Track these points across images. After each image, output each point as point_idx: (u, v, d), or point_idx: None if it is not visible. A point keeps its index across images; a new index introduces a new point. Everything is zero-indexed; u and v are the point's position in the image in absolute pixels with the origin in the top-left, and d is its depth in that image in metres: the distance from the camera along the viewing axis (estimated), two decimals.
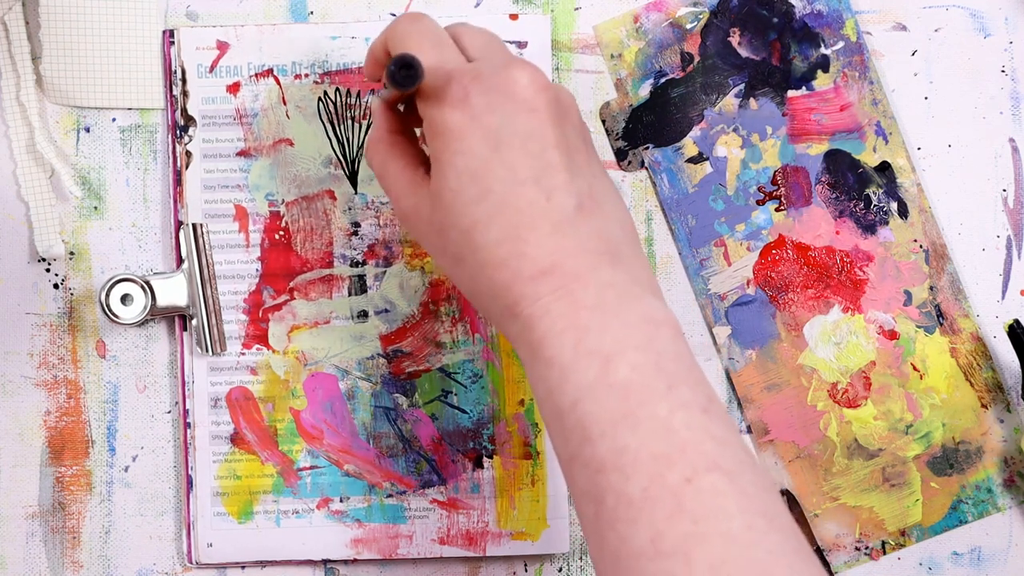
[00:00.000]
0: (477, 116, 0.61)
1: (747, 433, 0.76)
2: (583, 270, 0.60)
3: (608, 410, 0.57)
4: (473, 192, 0.60)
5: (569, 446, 0.58)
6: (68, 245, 0.75)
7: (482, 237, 0.60)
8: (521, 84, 0.61)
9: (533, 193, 0.60)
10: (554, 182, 0.60)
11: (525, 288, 0.60)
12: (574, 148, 0.62)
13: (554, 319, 0.59)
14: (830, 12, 0.76)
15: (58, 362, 0.75)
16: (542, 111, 0.61)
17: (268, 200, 0.75)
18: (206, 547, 0.75)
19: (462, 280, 0.63)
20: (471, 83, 0.61)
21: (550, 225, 0.60)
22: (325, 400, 0.75)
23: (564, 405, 0.58)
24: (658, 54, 0.76)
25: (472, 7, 0.76)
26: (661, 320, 0.59)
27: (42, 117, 0.75)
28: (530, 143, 0.61)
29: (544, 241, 0.60)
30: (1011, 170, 0.76)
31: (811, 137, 0.76)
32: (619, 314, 0.59)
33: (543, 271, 0.60)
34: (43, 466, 0.75)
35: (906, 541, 0.76)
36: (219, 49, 0.75)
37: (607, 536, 0.57)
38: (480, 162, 0.60)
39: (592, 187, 0.62)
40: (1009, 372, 0.76)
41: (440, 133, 0.61)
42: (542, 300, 0.59)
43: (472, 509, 0.75)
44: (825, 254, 0.76)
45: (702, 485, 0.56)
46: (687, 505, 0.55)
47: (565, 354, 0.58)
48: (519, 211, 0.60)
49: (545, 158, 0.61)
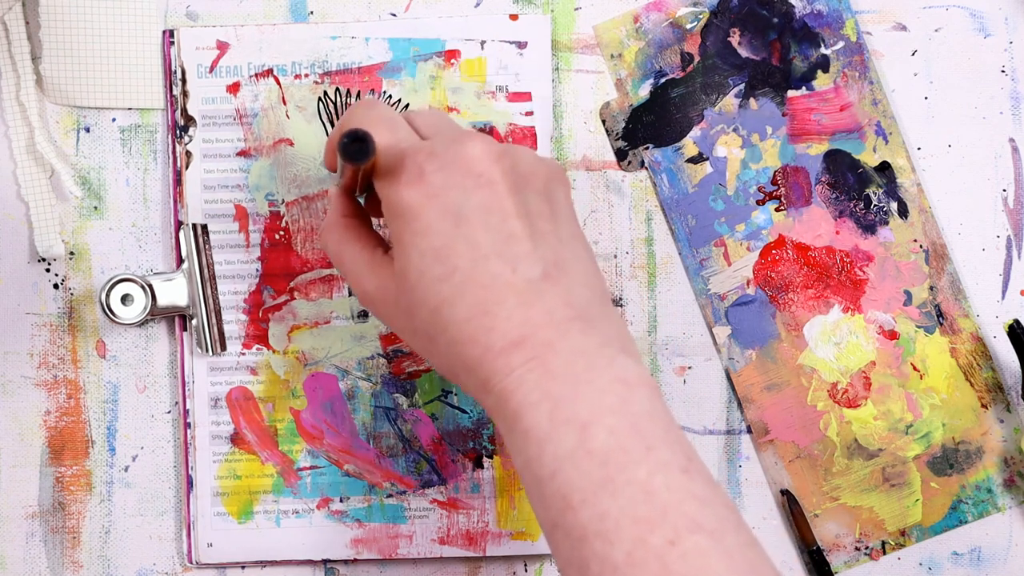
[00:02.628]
0: (434, 193, 0.60)
1: (747, 433, 0.76)
2: (553, 338, 0.59)
3: (587, 477, 0.57)
4: (438, 271, 0.60)
5: (551, 515, 0.58)
6: (68, 245, 0.75)
7: (450, 315, 0.60)
8: (475, 157, 0.61)
9: (497, 266, 0.60)
10: (517, 253, 0.60)
11: (496, 362, 0.59)
12: (536, 214, 0.62)
13: (527, 391, 0.59)
14: (830, 12, 0.76)
15: (58, 362, 0.75)
16: (498, 182, 0.61)
17: (268, 200, 0.75)
18: (206, 547, 0.75)
19: (435, 358, 0.62)
20: (425, 160, 0.61)
21: (516, 297, 0.60)
22: (325, 400, 0.75)
23: (543, 475, 0.58)
24: (658, 54, 0.76)
25: (472, 7, 0.76)
26: (635, 381, 0.59)
27: (42, 117, 0.75)
28: (490, 216, 0.60)
29: (512, 314, 0.59)
30: (1011, 170, 0.76)
31: (811, 137, 0.76)
32: (592, 379, 0.59)
33: (513, 343, 0.59)
34: (43, 466, 0.75)
35: (906, 541, 0.76)
36: (219, 49, 0.75)
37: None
38: (442, 239, 0.60)
39: (557, 252, 0.61)
40: (1009, 372, 0.76)
41: (399, 213, 0.61)
42: (514, 373, 0.59)
43: (472, 509, 0.75)
44: (825, 254, 0.76)
45: (686, 547, 0.55)
46: (672, 568, 0.55)
47: (541, 425, 0.58)
48: (484, 286, 0.60)
49: (506, 230, 0.60)
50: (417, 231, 0.61)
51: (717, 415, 0.76)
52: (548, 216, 0.62)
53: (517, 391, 0.59)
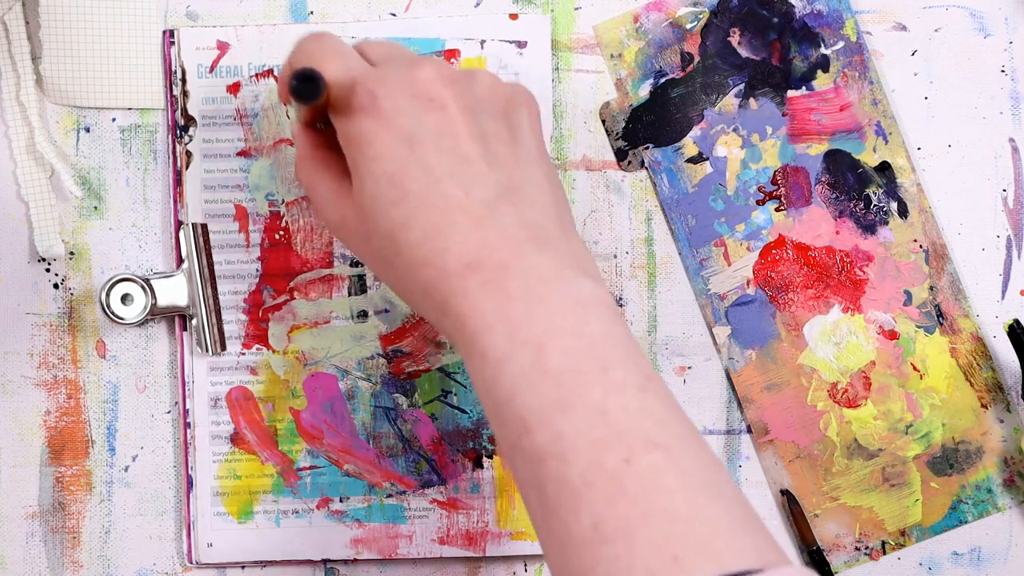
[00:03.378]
0: (387, 119, 0.60)
1: (747, 433, 0.76)
2: (508, 260, 0.59)
3: (543, 399, 0.57)
4: (392, 195, 0.60)
5: (509, 437, 0.58)
6: (68, 245, 0.75)
7: (405, 238, 0.60)
8: (427, 81, 0.61)
9: (451, 189, 0.60)
10: (471, 175, 0.60)
11: (452, 284, 0.59)
12: (493, 137, 0.62)
13: (484, 312, 0.59)
14: (830, 12, 0.76)
15: (58, 362, 0.75)
16: (451, 105, 0.61)
17: (268, 200, 0.75)
18: (206, 547, 0.75)
19: (394, 283, 0.62)
20: (376, 86, 0.61)
21: (470, 219, 0.60)
22: (325, 400, 0.75)
23: (501, 397, 0.58)
24: (658, 54, 0.76)
25: (472, 7, 0.76)
26: (592, 301, 0.59)
27: (42, 117, 0.75)
28: (442, 139, 0.60)
29: (466, 236, 0.59)
30: (1011, 170, 0.76)
31: (811, 137, 0.76)
32: (548, 300, 0.58)
33: (468, 265, 0.59)
34: (43, 466, 0.75)
35: (906, 541, 0.76)
36: (219, 49, 0.75)
37: (552, 524, 0.56)
38: (396, 164, 0.60)
39: (513, 175, 0.61)
40: (1009, 372, 0.76)
41: (353, 141, 0.61)
42: (470, 295, 0.59)
43: (472, 509, 0.75)
44: (825, 254, 0.76)
45: (640, 465, 0.55)
46: (626, 486, 0.55)
47: (498, 346, 0.58)
48: (438, 208, 0.60)
49: (459, 152, 0.60)
50: (371, 156, 0.61)
51: (717, 415, 0.76)
52: (505, 139, 0.62)
53: (473, 313, 0.59)
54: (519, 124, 0.63)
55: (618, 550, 0.54)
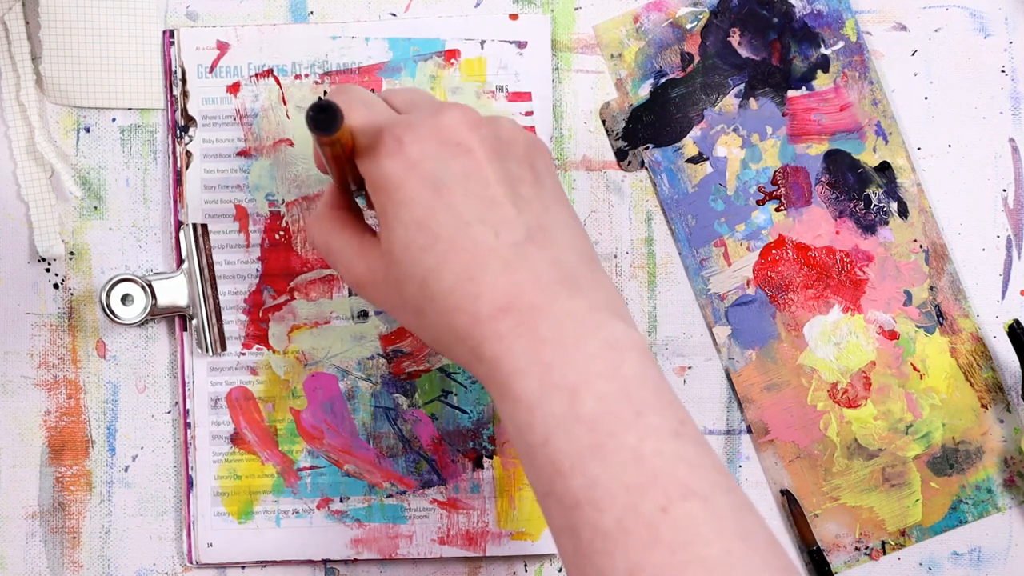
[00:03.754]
0: (413, 164, 0.60)
1: (747, 433, 0.76)
2: (541, 303, 0.59)
3: (577, 444, 0.57)
4: (422, 241, 0.60)
5: (542, 482, 0.58)
6: (68, 245, 0.75)
7: (436, 285, 0.60)
8: (452, 126, 0.61)
9: (480, 232, 0.60)
10: (500, 218, 0.60)
11: (485, 329, 0.59)
12: (518, 180, 0.62)
13: (516, 357, 0.58)
14: (830, 12, 0.76)
15: (58, 362, 0.75)
16: (477, 150, 0.61)
17: (268, 200, 0.75)
18: (206, 547, 0.75)
19: (426, 332, 0.62)
20: (403, 132, 0.61)
21: (501, 262, 0.59)
22: (325, 400, 0.75)
23: (535, 442, 0.58)
24: (658, 54, 0.76)
25: (472, 7, 0.76)
26: (625, 344, 0.59)
27: (42, 117, 0.75)
28: (470, 184, 0.60)
29: (497, 279, 0.59)
30: (1011, 170, 0.76)
31: (811, 137, 0.76)
32: (581, 344, 0.58)
33: (500, 309, 0.59)
34: (43, 466, 0.75)
35: (906, 541, 0.76)
36: (219, 49, 0.75)
37: (586, 570, 0.56)
38: (424, 210, 0.60)
39: (541, 217, 0.61)
40: (1009, 372, 0.76)
41: (381, 187, 0.61)
42: (504, 339, 0.59)
43: (472, 509, 0.75)
44: (825, 254, 0.76)
45: (677, 513, 0.55)
46: (663, 535, 0.55)
47: (531, 391, 0.58)
48: (468, 252, 0.60)
49: (487, 196, 0.60)
50: (399, 202, 0.61)
51: (717, 415, 0.76)
52: (530, 182, 0.62)
53: (506, 357, 0.59)
54: (540, 167, 0.64)
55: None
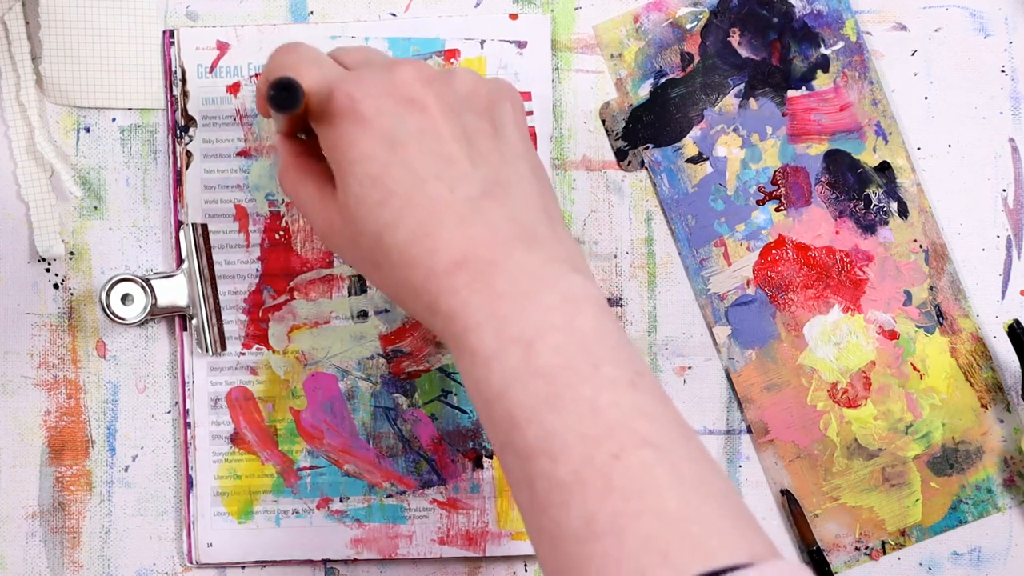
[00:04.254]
0: (367, 121, 0.60)
1: (747, 433, 0.76)
2: (497, 257, 0.59)
3: (534, 396, 0.57)
4: (376, 196, 0.60)
5: (499, 435, 0.58)
6: (68, 245, 0.75)
7: (392, 239, 0.60)
8: (405, 82, 0.61)
9: (435, 188, 0.60)
10: (455, 174, 0.60)
11: (441, 283, 0.59)
12: (475, 134, 0.62)
13: (473, 310, 0.58)
14: (830, 12, 0.76)
15: (58, 362, 0.75)
16: (432, 106, 0.61)
17: (268, 200, 0.75)
18: (206, 547, 0.75)
19: (384, 285, 0.62)
20: (354, 89, 0.61)
21: (456, 217, 0.59)
22: (325, 400, 0.75)
23: (491, 395, 0.58)
24: (658, 54, 0.76)
25: (472, 7, 0.76)
26: (582, 297, 0.59)
27: (42, 117, 0.75)
28: (424, 139, 0.60)
29: (453, 234, 0.59)
30: (1011, 170, 0.76)
31: (811, 137, 0.76)
32: (537, 297, 0.58)
33: (456, 263, 0.59)
34: (43, 466, 0.75)
35: (906, 541, 0.76)
36: (219, 49, 0.75)
37: (542, 522, 0.56)
38: (378, 166, 0.60)
39: (499, 172, 0.61)
40: (1009, 372, 0.76)
41: (335, 145, 0.61)
42: (459, 293, 0.59)
43: (472, 509, 0.75)
44: (825, 254, 0.76)
45: (631, 462, 0.55)
46: (617, 484, 0.55)
47: (487, 344, 0.58)
48: (423, 208, 0.60)
49: (443, 152, 0.60)
50: (354, 159, 0.60)
51: (717, 415, 0.76)
52: (489, 135, 0.62)
53: (463, 311, 0.59)
54: (502, 120, 0.63)
55: (608, 547, 0.54)
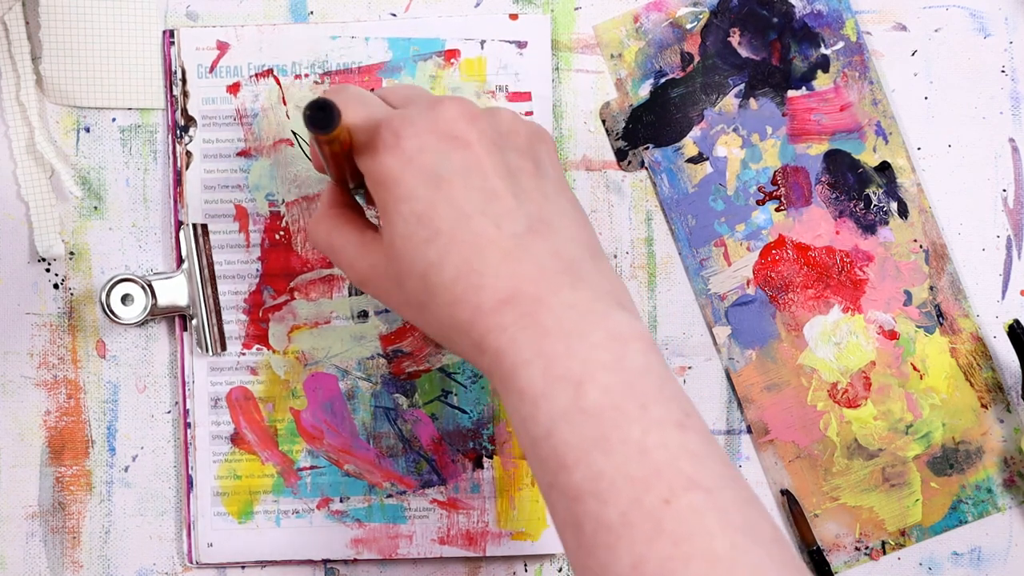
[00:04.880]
0: (412, 158, 0.60)
1: (747, 433, 0.76)
2: (543, 294, 0.59)
3: (582, 436, 0.56)
4: (423, 234, 0.60)
5: (546, 475, 0.58)
6: (68, 245, 0.75)
7: (438, 278, 0.60)
8: (450, 119, 0.61)
9: (481, 225, 0.60)
10: (500, 210, 0.60)
11: (488, 321, 0.59)
12: (518, 171, 0.62)
13: (520, 348, 0.58)
14: (830, 12, 0.76)
15: (58, 362, 0.75)
16: (475, 143, 0.61)
17: (268, 200, 0.75)
18: (206, 547, 0.75)
19: (430, 326, 0.62)
20: (400, 126, 0.61)
21: (502, 253, 0.59)
22: (325, 400, 0.75)
23: (538, 434, 0.57)
24: (658, 54, 0.76)
25: (472, 7, 0.76)
26: (629, 335, 0.58)
27: (42, 117, 0.75)
28: (470, 177, 0.60)
29: (499, 270, 0.59)
30: (1011, 170, 0.76)
31: (811, 137, 0.76)
32: (585, 335, 0.58)
33: (503, 301, 0.59)
34: (43, 466, 0.75)
35: (906, 541, 0.76)
36: (219, 49, 0.75)
37: (589, 564, 0.56)
38: (424, 204, 0.60)
39: (542, 208, 0.61)
40: (1009, 372, 0.76)
41: (380, 183, 0.61)
42: (507, 331, 0.59)
43: (472, 509, 0.75)
44: (825, 254, 0.76)
45: (680, 505, 0.55)
46: (666, 527, 0.54)
47: (535, 383, 0.58)
48: (469, 245, 0.59)
49: (487, 188, 0.60)
50: (399, 197, 0.61)
51: (717, 415, 0.76)
52: (531, 173, 0.62)
53: (510, 349, 0.58)
54: (542, 158, 0.64)
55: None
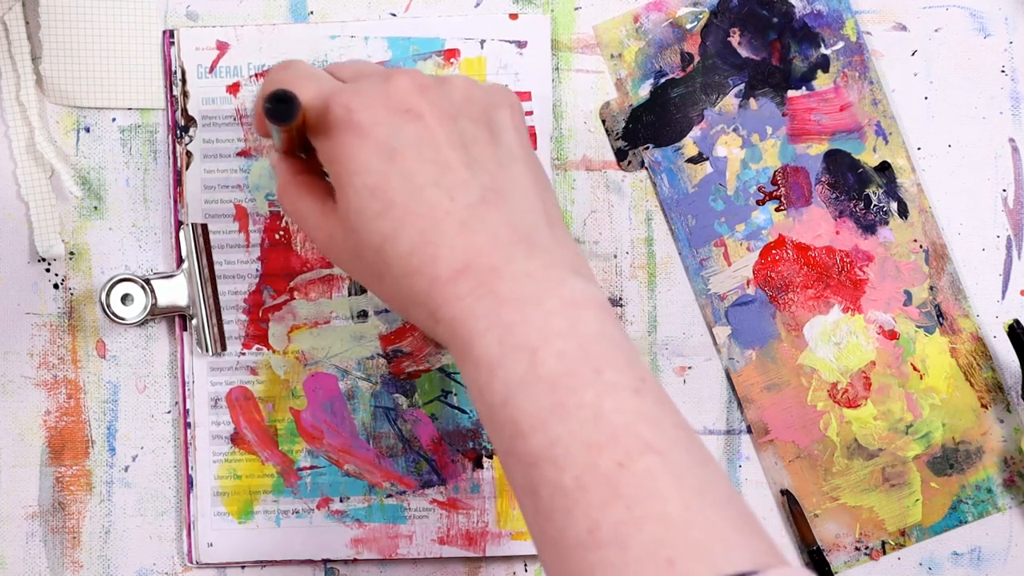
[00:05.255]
0: (364, 132, 0.60)
1: (747, 433, 0.76)
2: (498, 263, 0.59)
3: (537, 404, 0.57)
4: (376, 207, 0.60)
5: (503, 442, 0.58)
6: (68, 245, 0.75)
7: (393, 249, 0.60)
8: (402, 92, 0.61)
9: (434, 196, 0.60)
10: (453, 181, 0.60)
11: (444, 291, 0.59)
12: (471, 141, 0.62)
13: (476, 318, 0.59)
14: (830, 12, 0.76)
15: (58, 362, 0.75)
16: (427, 114, 0.61)
17: (268, 200, 0.75)
18: (206, 547, 0.75)
19: (387, 296, 0.62)
20: (351, 100, 0.61)
21: (456, 224, 0.60)
22: (325, 400, 0.75)
23: (495, 402, 0.58)
24: (658, 54, 0.76)
25: (472, 6, 0.76)
26: (584, 302, 0.59)
27: (42, 117, 0.75)
28: (422, 148, 0.60)
29: (454, 241, 0.59)
30: (1011, 170, 0.76)
31: (811, 137, 0.76)
32: (540, 302, 0.58)
33: (458, 271, 0.59)
34: (43, 466, 0.75)
35: (906, 541, 0.76)
36: (219, 49, 0.75)
37: (546, 529, 0.56)
38: (377, 176, 0.60)
39: (496, 178, 0.61)
40: (1009, 372, 0.76)
41: (334, 158, 0.61)
42: (463, 300, 0.59)
43: (472, 509, 0.75)
44: (825, 254, 0.76)
45: (635, 469, 0.55)
46: (621, 491, 0.55)
47: (491, 352, 0.58)
48: (424, 216, 0.60)
49: (440, 160, 0.60)
50: (352, 171, 0.61)
51: (717, 415, 0.76)
52: (485, 141, 0.62)
53: (466, 319, 0.59)
54: (500, 126, 0.63)
55: (612, 555, 0.54)
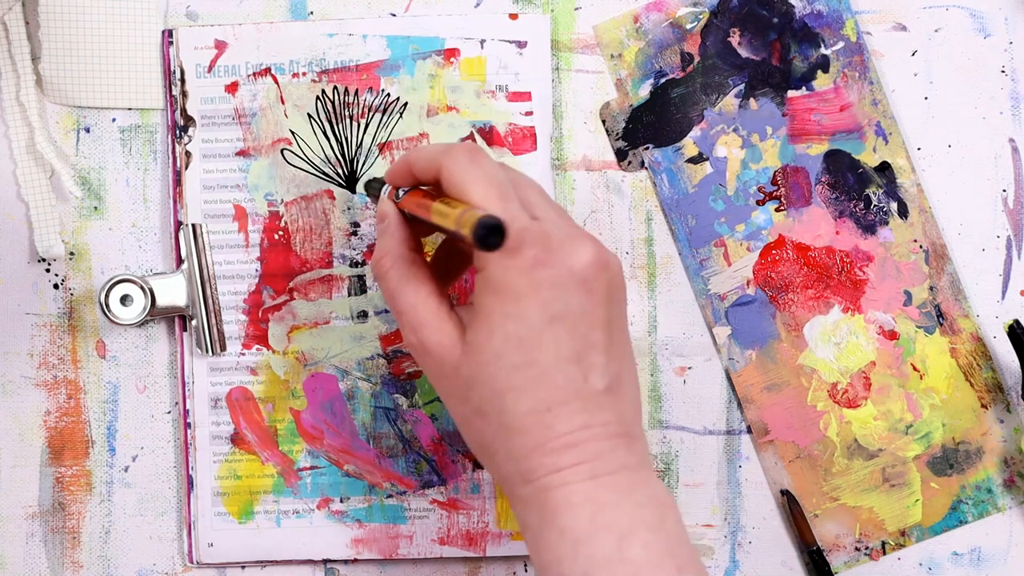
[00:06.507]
0: (539, 286, 0.60)
1: (747, 433, 0.76)
2: (604, 450, 0.61)
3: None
4: (517, 359, 0.61)
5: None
6: (68, 245, 0.75)
7: (514, 403, 0.61)
8: (586, 263, 0.61)
9: (573, 372, 0.61)
10: (593, 362, 0.61)
11: (546, 458, 0.61)
12: (616, 327, 0.63)
13: (571, 491, 0.60)
14: (830, 12, 0.75)
15: (58, 362, 0.75)
16: (598, 292, 0.61)
17: (267, 200, 0.75)
18: (206, 547, 0.75)
19: (476, 432, 0.63)
20: (541, 251, 0.60)
21: (581, 404, 0.61)
22: (325, 400, 0.75)
23: (575, 572, 0.59)
24: (658, 54, 0.76)
25: (472, 6, 0.76)
26: (668, 503, 0.61)
27: (42, 117, 0.75)
28: (580, 322, 0.61)
29: (573, 418, 0.61)
30: (1011, 170, 0.76)
31: (811, 137, 0.76)
32: (632, 494, 0.60)
33: (567, 446, 0.61)
34: (43, 466, 0.75)
35: (906, 541, 0.76)
36: (217, 48, 0.75)
37: None
38: (531, 331, 0.60)
39: (619, 367, 0.62)
40: (1009, 372, 0.76)
41: (498, 291, 0.61)
42: (561, 472, 0.60)
43: (472, 509, 0.75)
44: (825, 254, 0.76)
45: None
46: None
47: (580, 526, 0.60)
48: (557, 388, 0.61)
49: (590, 338, 0.61)
50: (510, 315, 0.61)
51: (717, 415, 0.76)
52: (622, 327, 0.63)
53: (561, 489, 0.60)
54: (624, 313, 0.64)
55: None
